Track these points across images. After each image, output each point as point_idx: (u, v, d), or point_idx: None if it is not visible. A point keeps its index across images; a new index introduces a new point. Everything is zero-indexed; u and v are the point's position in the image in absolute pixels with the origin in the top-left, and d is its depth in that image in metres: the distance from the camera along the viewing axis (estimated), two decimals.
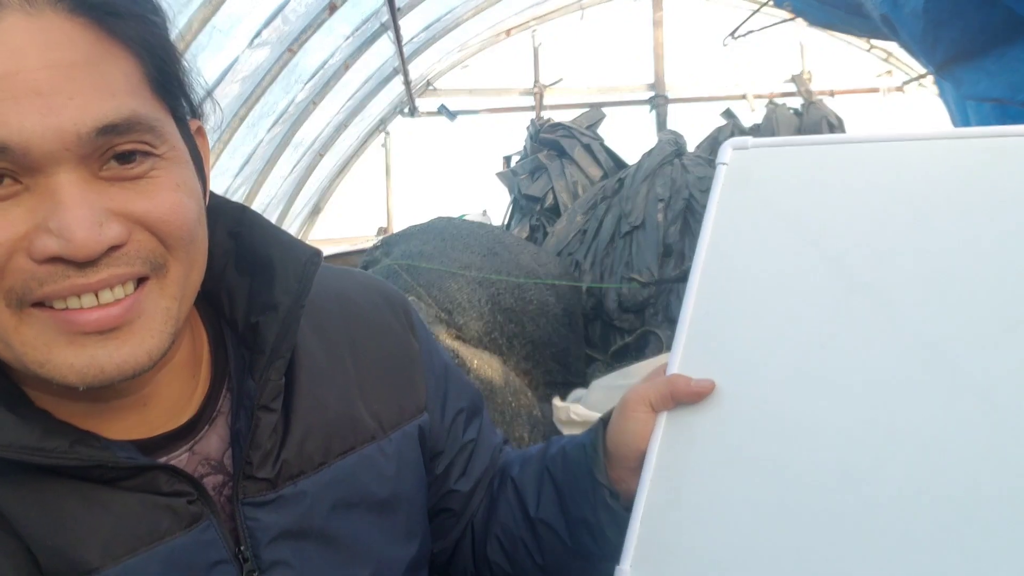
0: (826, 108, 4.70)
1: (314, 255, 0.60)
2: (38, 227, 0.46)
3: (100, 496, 0.51)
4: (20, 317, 0.47)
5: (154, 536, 0.52)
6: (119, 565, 0.50)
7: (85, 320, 0.47)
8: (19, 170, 0.45)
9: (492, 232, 3.33)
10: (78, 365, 0.47)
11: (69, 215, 0.45)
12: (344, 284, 0.71)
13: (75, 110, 0.45)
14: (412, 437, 0.69)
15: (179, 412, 0.58)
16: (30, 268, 0.46)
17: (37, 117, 0.44)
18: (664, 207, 3.52)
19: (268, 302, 0.58)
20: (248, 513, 0.57)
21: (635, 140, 5.35)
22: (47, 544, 0.49)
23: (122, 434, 0.54)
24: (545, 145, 4.80)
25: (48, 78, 0.45)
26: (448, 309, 2.78)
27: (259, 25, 3.14)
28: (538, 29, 5.99)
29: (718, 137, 4.64)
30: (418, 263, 2.93)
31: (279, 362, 0.57)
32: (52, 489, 0.50)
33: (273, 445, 0.58)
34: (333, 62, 4.12)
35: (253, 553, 0.56)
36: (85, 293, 0.47)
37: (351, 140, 5.64)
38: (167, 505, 0.53)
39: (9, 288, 0.46)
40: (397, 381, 0.69)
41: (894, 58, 5.94)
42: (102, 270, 0.47)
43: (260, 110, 3.58)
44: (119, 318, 0.48)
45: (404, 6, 4.14)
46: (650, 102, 5.97)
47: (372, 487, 0.64)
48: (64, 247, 0.45)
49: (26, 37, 0.45)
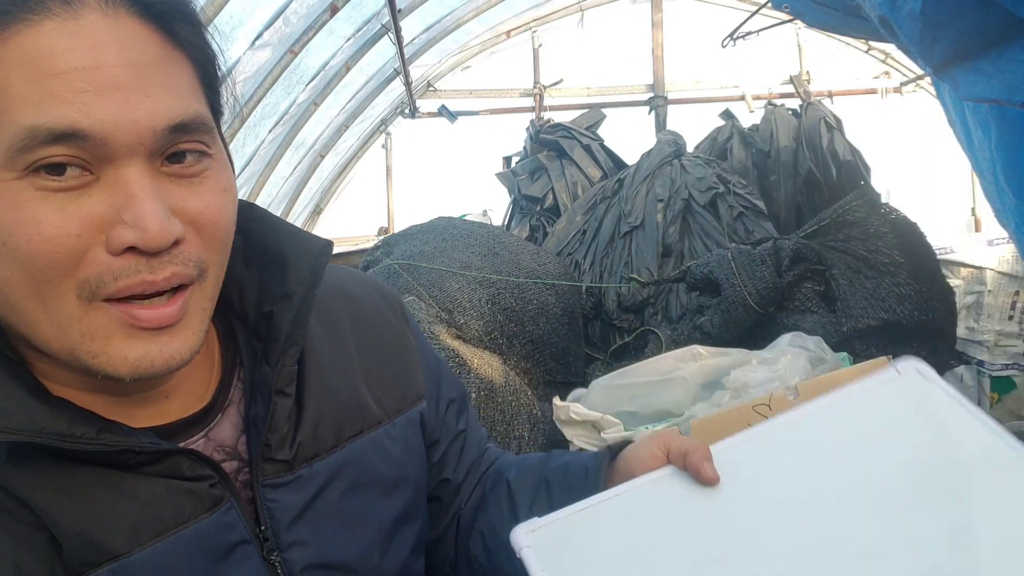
0: (824, 109, 4.71)
1: (326, 246, 0.63)
2: (112, 219, 0.48)
3: (124, 483, 0.52)
4: (87, 309, 0.49)
5: (178, 520, 0.53)
6: (146, 549, 0.52)
7: (148, 316, 0.50)
8: (92, 160, 0.47)
9: (492, 232, 3.34)
10: (132, 358, 0.50)
11: (144, 207, 0.48)
12: (343, 280, 0.75)
13: (151, 107, 0.48)
14: (414, 423, 0.72)
15: (194, 401, 0.60)
16: (107, 261, 0.48)
17: (118, 110, 0.47)
18: (663, 207, 3.53)
19: (282, 292, 0.60)
20: (268, 494, 0.59)
21: (635, 141, 5.36)
22: (74, 531, 0.50)
23: (141, 423, 0.56)
24: (545, 146, 4.80)
25: (127, 75, 0.48)
26: (448, 309, 2.78)
27: (260, 27, 3.15)
28: (538, 30, 6.00)
29: (717, 137, 4.65)
30: (419, 263, 2.93)
31: (293, 348, 0.60)
32: (77, 477, 0.51)
33: (289, 428, 0.60)
34: (334, 63, 4.13)
35: (273, 532, 0.58)
36: (152, 290, 0.50)
37: (352, 141, 5.64)
38: (190, 489, 0.54)
39: (84, 279, 0.48)
40: (397, 369, 0.72)
41: (892, 59, 5.95)
42: (167, 267, 0.50)
43: (261, 111, 3.59)
44: (173, 317, 0.51)
45: (405, 8, 4.15)
46: (649, 103, 5.98)
47: (381, 469, 0.67)
48: (139, 237, 0.48)
49: (106, 36, 0.47)
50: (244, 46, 3.10)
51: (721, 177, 3.74)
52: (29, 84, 0.45)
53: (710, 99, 5.93)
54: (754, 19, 4.23)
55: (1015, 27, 0.86)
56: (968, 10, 0.89)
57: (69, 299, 0.48)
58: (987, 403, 3.89)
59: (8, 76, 0.45)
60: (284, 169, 4.50)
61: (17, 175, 0.46)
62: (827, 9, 1.46)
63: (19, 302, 0.48)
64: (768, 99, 5.54)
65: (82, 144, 0.46)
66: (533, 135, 4.96)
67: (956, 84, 0.97)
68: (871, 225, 2.87)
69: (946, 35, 0.93)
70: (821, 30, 4.41)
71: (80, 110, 0.46)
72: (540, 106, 5.96)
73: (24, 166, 0.46)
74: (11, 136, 0.45)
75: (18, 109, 0.45)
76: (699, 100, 6.02)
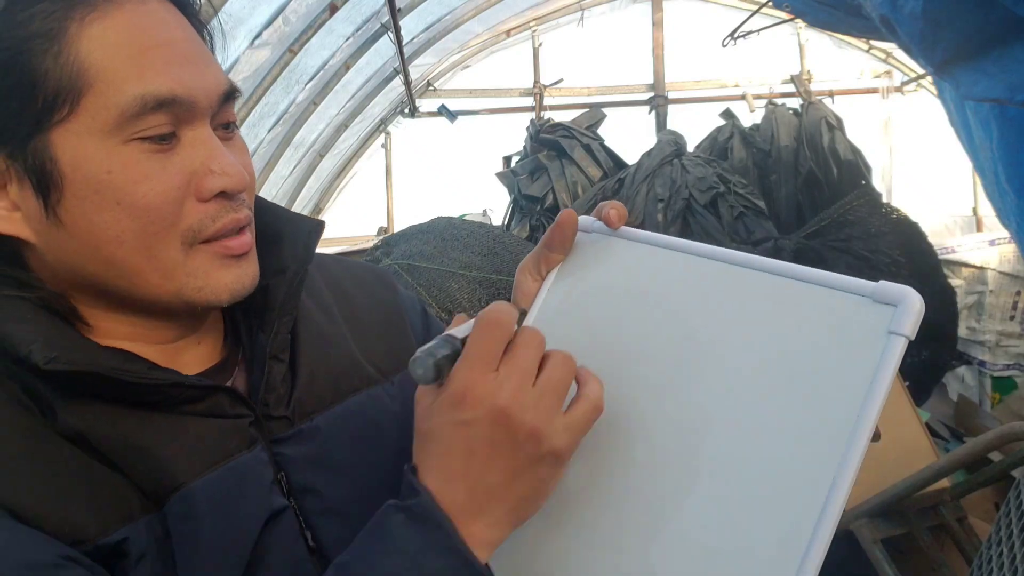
0: (825, 108, 4.70)
1: (317, 225, 0.70)
2: (200, 171, 0.56)
3: (172, 424, 0.57)
4: (188, 253, 0.56)
5: (226, 453, 0.58)
6: (202, 478, 0.56)
7: (236, 243, 0.58)
8: (177, 123, 0.55)
9: (492, 232, 3.33)
10: (228, 282, 0.58)
11: (226, 157, 0.57)
12: (332, 260, 0.82)
13: (212, 75, 0.57)
14: (411, 381, 0.75)
15: (211, 356, 0.65)
16: (202, 208, 0.56)
17: (197, 77, 0.55)
18: (664, 207, 3.53)
19: (278, 266, 0.65)
20: (274, 448, 0.62)
21: (635, 140, 5.36)
22: (137, 468, 0.54)
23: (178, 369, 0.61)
24: (545, 145, 4.80)
25: (192, 49, 0.56)
26: (448, 309, 2.78)
27: (260, 26, 3.14)
28: (538, 30, 5.99)
29: (717, 137, 4.65)
30: (418, 263, 2.93)
31: (287, 317, 0.65)
32: (130, 420, 0.56)
33: (285, 390, 0.64)
34: (334, 63, 4.13)
35: (287, 480, 0.61)
36: (238, 226, 0.58)
37: (351, 140, 5.64)
38: (232, 426, 0.59)
39: (187, 227, 0.56)
40: (389, 333, 0.76)
41: (893, 59, 5.94)
42: (242, 208, 0.59)
43: (260, 111, 3.59)
44: (249, 244, 0.60)
45: (404, 7, 4.15)
46: (649, 102, 5.97)
47: (383, 423, 0.69)
48: (228, 182, 0.56)
49: (167, 15, 0.56)
50: (243, 45, 3.10)
51: (722, 177, 3.74)
52: (125, 60, 0.52)
53: (710, 99, 5.92)
54: (754, 18, 4.22)
55: (1016, 26, 0.85)
56: (969, 9, 0.88)
57: (175, 246, 0.55)
58: (988, 403, 3.88)
59: (106, 53, 0.52)
60: (283, 169, 4.49)
61: (123, 141, 0.52)
62: (828, 8, 1.45)
63: (126, 257, 0.54)
64: (769, 98, 5.53)
65: (174, 108, 0.53)
66: (533, 135, 4.96)
67: (957, 83, 0.97)
68: (872, 225, 2.87)
69: (947, 34, 0.93)
70: (822, 29, 4.41)
71: (173, 78, 0.53)
72: (540, 106, 5.95)
73: (132, 133, 0.52)
74: (124, 104, 0.52)
75: (124, 81, 0.52)
76: (699, 100, 6.02)
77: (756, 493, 0.49)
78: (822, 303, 0.51)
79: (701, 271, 0.58)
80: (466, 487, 0.51)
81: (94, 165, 0.52)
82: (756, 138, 4.52)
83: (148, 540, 0.53)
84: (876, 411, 0.46)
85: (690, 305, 0.57)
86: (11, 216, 0.54)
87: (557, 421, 0.51)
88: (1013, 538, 1.41)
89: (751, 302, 0.54)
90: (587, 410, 0.53)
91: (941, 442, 3.02)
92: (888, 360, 0.47)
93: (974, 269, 3.93)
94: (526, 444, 0.50)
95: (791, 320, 0.52)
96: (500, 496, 0.51)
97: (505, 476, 0.51)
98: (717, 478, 0.51)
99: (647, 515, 0.53)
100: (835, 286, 0.51)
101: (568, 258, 0.66)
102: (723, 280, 0.56)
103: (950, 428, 3.27)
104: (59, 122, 0.51)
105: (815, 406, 0.48)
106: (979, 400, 3.93)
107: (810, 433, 0.48)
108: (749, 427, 0.51)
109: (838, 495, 0.45)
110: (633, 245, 0.63)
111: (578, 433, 0.52)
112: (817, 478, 0.46)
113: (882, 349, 0.47)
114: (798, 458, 0.48)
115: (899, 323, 0.47)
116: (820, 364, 0.49)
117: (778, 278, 0.54)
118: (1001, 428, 1.71)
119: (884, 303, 0.48)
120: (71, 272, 0.56)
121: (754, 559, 0.47)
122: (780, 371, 0.51)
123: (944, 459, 1.77)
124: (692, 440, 0.53)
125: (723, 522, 0.49)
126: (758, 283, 0.55)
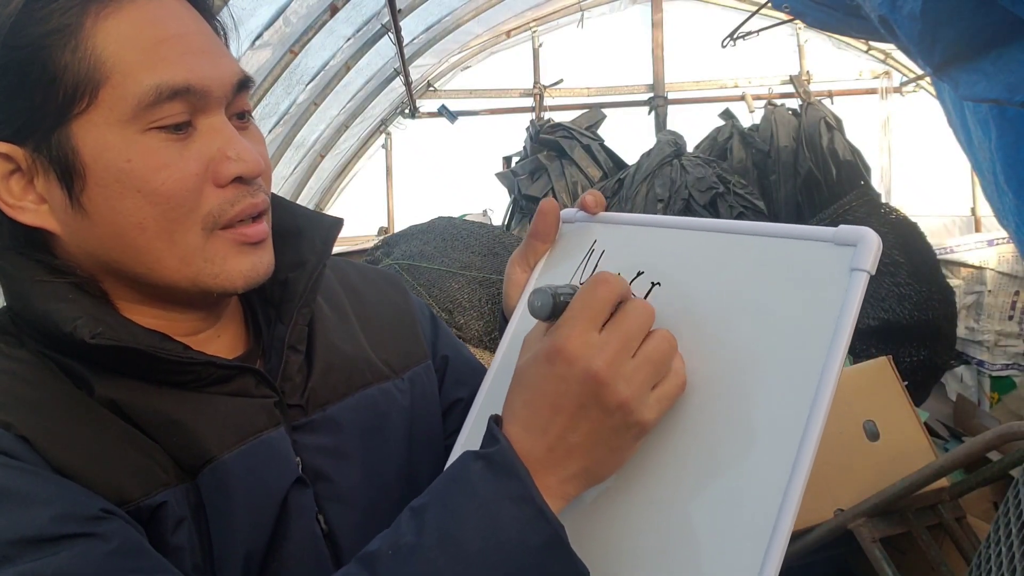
0: (825, 109, 4.71)
1: (336, 221, 0.72)
2: (216, 157, 0.57)
3: (201, 401, 0.59)
4: (207, 239, 0.58)
5: (254, 429, 0.60)
6: (234, 451, 0.58)
7: (253, 231, 0.60)
8: (192, 112, 0.56)
9: (492, 232, 3.34)
10: (244, 270, 0.60)
11: (242, 143, 0.58)
12: (345, 263, 0.84)
13: (226, 65, 0.58)
14: (422, 377, 0.77)
15: (232, 349, 0.67)
16: (220, 193, 0.58)
17: (211, 67, 0.57)
18: (663, 207, 3.54)
19: (297, 261, 0.67)
20: (290, 435, 0.64)
21: (635, 141, 5.36)
22: (172, 441, 0.57)
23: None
24: (545, 146, 4.81)
25: (205, 40, 0.58)
26: (449, 309, 2.79)
27: (260, 27, 3.15)
28: (538, 30, 5.99)
29: (716, 137, 4.65)
30: (419, 263, 2.94)
31: (305, 309, 0.67)
32: (164, 397, 0.58)
33: (301, 380, 0.66)
34: (334, 63, 4.13)
35: (302, 466, 0.63)
36: (255, 211, 0.60)
37: (352, 141, 5.64)
38: (260, 405, 0.61)
39: (207, 213, 0.57)
40: (400, 332, 0.78)
41: (892, 59, 5.95)
42: (258, 193, 0.60)
43: (261, 111, 3.59)
44: (265, 232, 0.61)
45: (404, 8, 4.15)
46: (649, 103, 5.98)
47: (393, 417, 0.71)
48: (244, 167, 0.57)
49: (180, 8, 0.58)
50: (244, 46, 3.10)
51: (721, 177, 3.74)
52: (140, 51, 0.54)
53: (710, 99, 5.93)
54: (754, 19, 4.23)
55: (1015, 27, 0.86)
56: (968, 10, 0.89)
57: (195, 232, 0.57)
58: (987, 403, 3.89)
59: (121, 46, 0.53)
60: (284, 169, 4.50)
61: (141, 130, 0.54)
62: (827, 9, 1.46)
63: (147, 243, 0.56)
64: (768, 99, 5.54)
65: (189, 98, 0.55)
66: (533, 135, 4.96)
67: (956, 84, 0.97)
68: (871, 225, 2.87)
69: (946, 35, 0.93)
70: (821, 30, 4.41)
71: (188, 68, 0.55)
72: (540, 106, 5.96)
73: (149, 122, 0.54)
74: (140, 94, 0.53)
75: (139, 72, 0.53)
76: (699, 100, 6.03)
77: (738, 431, 0.51)
78: (793, 253, 0.55)
79: (680, 241, 0.62)
80: (547, 443, 0.51)
81: (114, 154, 0.54)
82: (755, 138, 4.53)
83: (184, 507, 0.56)
84: (846, 339, 0.50)
85: (673, 275, 0.60)
86: (39, 209, 0.56)
87: (649, 395, 0.51)
88: (1012, 537, 1.42)
89: (727, 264, 0.58)
90: (677, 385, 0.52)
91: (940, 442, 3.02)
92: (853, 293, 0.50)
93: (973, 269, 3.94)
94: (615, 413, 0.50)
95: (765, 273, 0.55)
96: (579, 456, 0.51)
97: (588, 439, 0.50)
98: (698, 435, 0.53)
99: (633, 485, 0.55)
100: (802, 236, 0.55)
101: (553, 248, 0.71)
102: (701, 247, 0.60)
103: (949, 428, 3.28)
104: (79, 114, 0.53)
105: (792, 342, 0.51)
106: (978, 400, 3.94)
107: (788, 369, 0.51)
108: (729, 381, 0.53)
109: (817, 416, 0.48)
110: (613, 228, 0.67)
111: (667, 407, 0.52)
112: (797, 405, 0.49)
113: (847, 285, 0.51)
114: (777, 393, 0.50)
115: (860, 260, 0.51)
116: (793, 306, 0.53)
117: (750, 237, 0.58)
118: (1000, 428, 1.72)
119: (845, 244, 0.52)
120: (95, 261, 0.58)
121: (742, 494, 0.50)
122: (758, 322, 0.54)
123: (943, 459, 1.77)
124: (676, 404, 0.55)
125: (710, 467, 0.51)
126: (732, 245, 0.58)
